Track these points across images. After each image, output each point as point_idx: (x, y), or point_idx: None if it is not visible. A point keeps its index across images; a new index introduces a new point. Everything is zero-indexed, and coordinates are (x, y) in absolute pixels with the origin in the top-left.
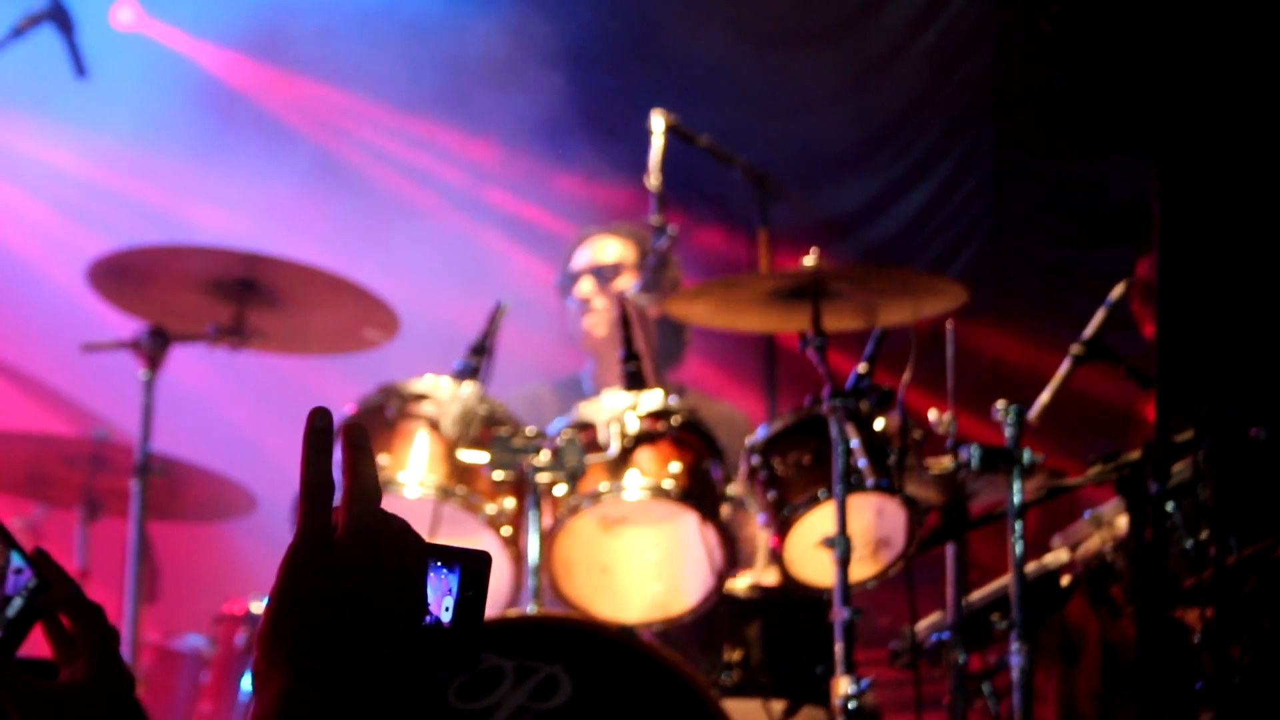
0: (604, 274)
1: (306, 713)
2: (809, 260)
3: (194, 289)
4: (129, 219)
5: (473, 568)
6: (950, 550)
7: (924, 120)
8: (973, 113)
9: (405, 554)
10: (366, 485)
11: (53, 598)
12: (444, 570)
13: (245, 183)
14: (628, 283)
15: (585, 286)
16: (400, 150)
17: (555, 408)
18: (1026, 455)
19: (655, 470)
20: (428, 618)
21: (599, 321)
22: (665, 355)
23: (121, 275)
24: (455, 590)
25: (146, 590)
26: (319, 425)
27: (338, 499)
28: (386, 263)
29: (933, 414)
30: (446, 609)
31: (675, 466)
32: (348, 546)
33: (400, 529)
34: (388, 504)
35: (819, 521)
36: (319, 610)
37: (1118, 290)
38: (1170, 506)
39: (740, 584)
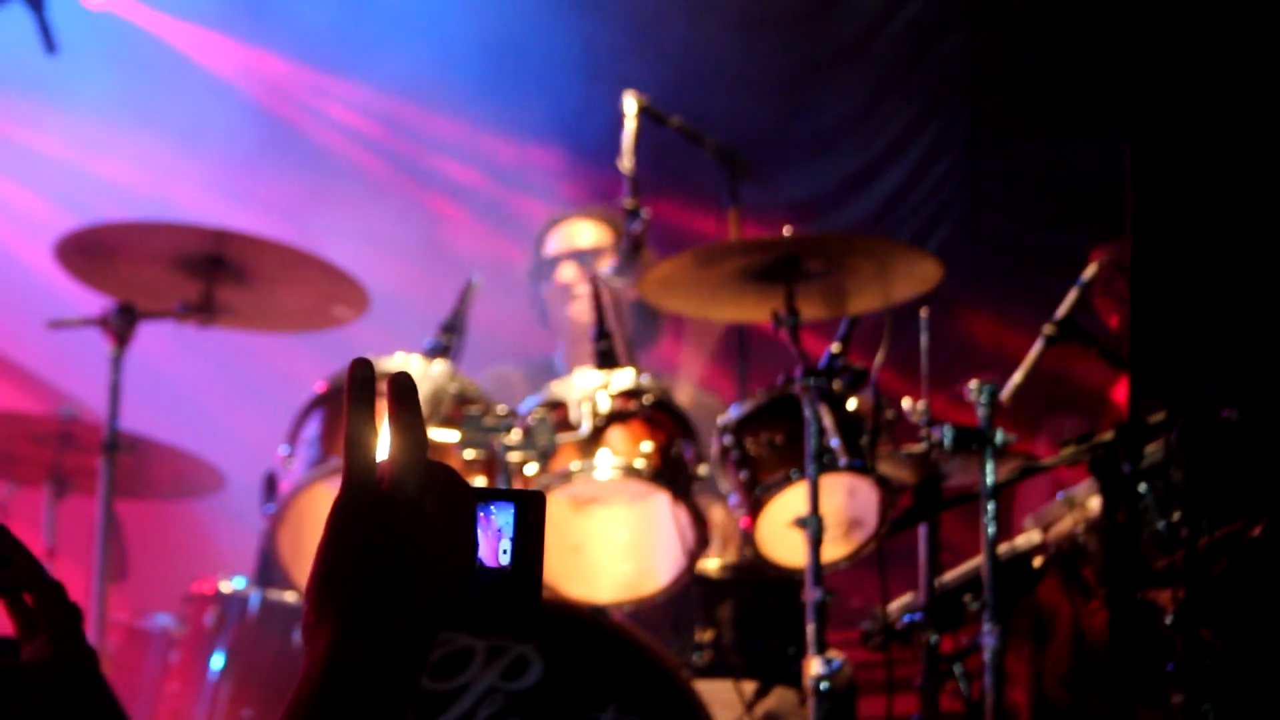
0: (584, 259)
1: (356, 664)
2: (786, 231)
3: (162, 266)
4: (98, 196)
5: (527, 507)
6: (923, 531)
7: (898, 101)
8: (947, 93)
9: (453, 502)
10: (412, 435)
11: (14, 574)
12: (498, 513)
13: (216, 160)
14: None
15: (568, 272)
16: (374, 130)
17: (525, 391)
18: (999, 435)
19: (627, 450)
20: (486, 563)
21: (585, 308)
22: (639, 339)
23: (90, 252)
24: (512, 532)
25: (114, 569)
26: (361, 376)
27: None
28: (358, 240)
29: (906, 402)
30: (504, 552)
31: (647, 446)
32: (394, 497)
33: (447, 477)
34: None
35: (791, 501)
36: (367, 562)
37: (1090, 271)
38: (1143, 488)
39: (712, 564)
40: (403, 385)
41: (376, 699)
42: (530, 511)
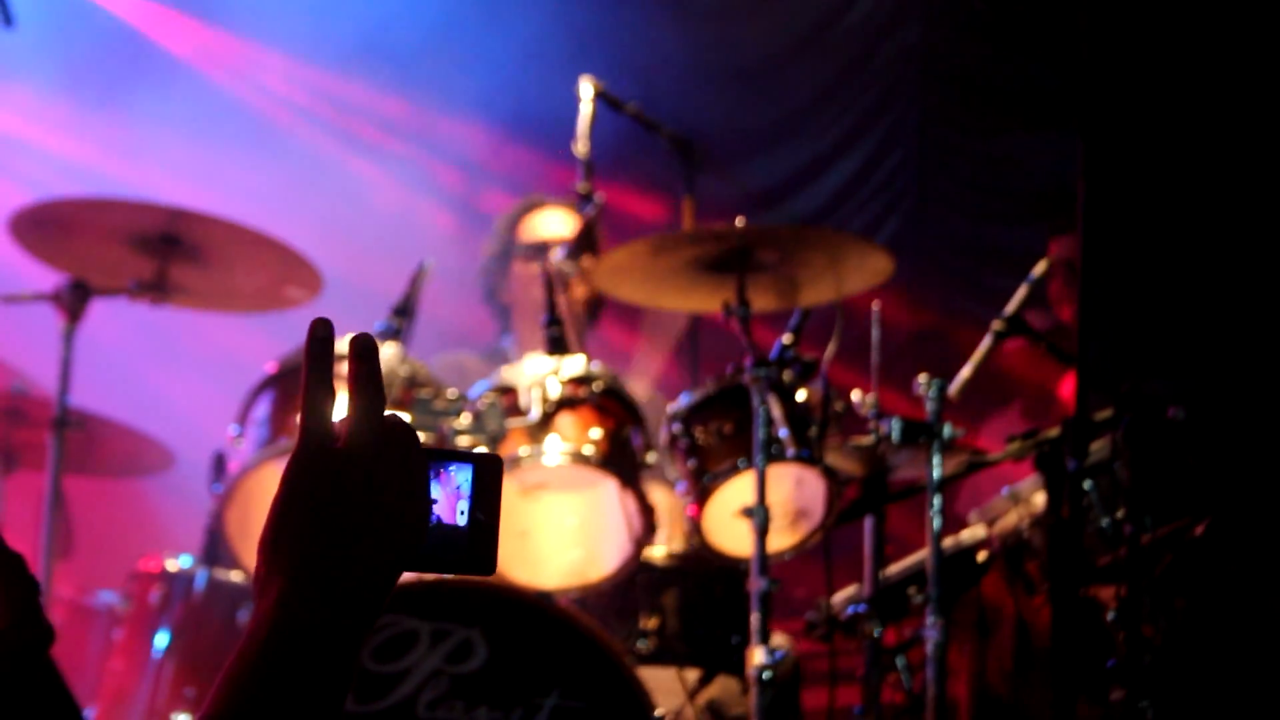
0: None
1: (303, 617)
2: (738, 222)
3: (116, 243)
4: (52, 172)
5: (484, 470)
6: (868, 523)
7: (851, 94)
8: (900, 87)
9: (409, 461)
10: (370, 394)
11: None
12: (456, 474)
13: (170, 139)
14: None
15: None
16: (329, 112)
17: (482, 377)
18: (947, 430)
19: (576, 436)
20: (443, 522)
21: (577, 300)
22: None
23: (44, 227)
24: (469, 493)
25: (61, 545)
26: (320, 335)
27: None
28: (311, 222)
29: (856, 394)
30: (461, 513)
31: (596, 433)
32: (349, 454)
33: (404, 436)
34: None
35: (738, 491)
36: (318, 517)
37: (1040, 267)
38: (1088, 484)
39: (658, 552)
40: (364, 346)
41: (323, 653)
42: (488, 474)
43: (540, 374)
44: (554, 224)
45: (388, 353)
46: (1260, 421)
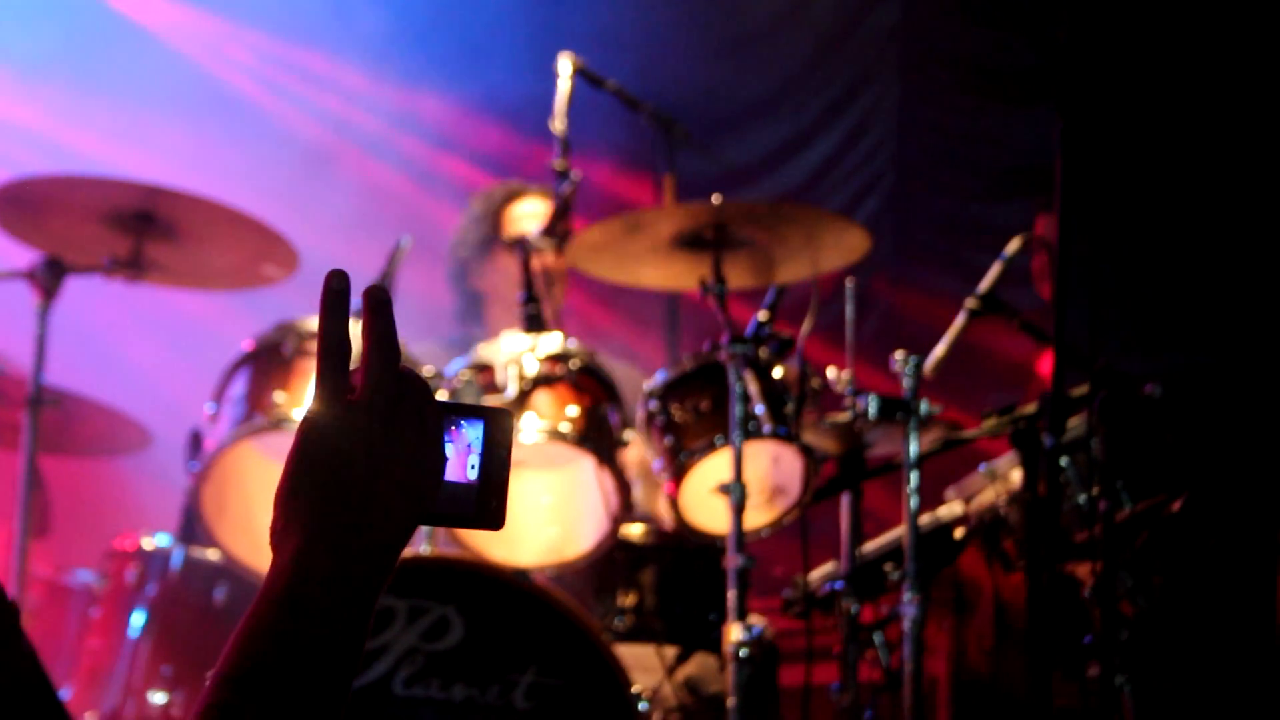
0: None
1: (320, 570)
2: (714, 199)
3: (92, 220)
4: (27, 149)
5: (495, 424)
6: (845, 500)
7: (831, 70)
8: (880, 64)
9: (424, 415)
10: (385, 347)
11: None
12: (467, 429)
13: (146, 116)
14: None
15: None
16: (304, 89)
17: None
18: (924, 406)
19: (553, 413)
20: (454, 477)
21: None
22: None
23: (18, 204)
24: (480, 447)
25: (37, 524)
26: (336, 287)
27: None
28: (288, 199)
29: (831, 371)
30: (472, 467)
31: (573, 410)
32: (365, 407)
33: (419, 390)
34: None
35: (715, 468)
36: (335, 470)
37: (1014, 245)
38: (1064, 461)
39: (635, 529)
40: (378, 299)
41: (339, 607)
42: (499, 428)
43: (517, 351)
44: (539, 215)
45: None
46: (1237, 398)
